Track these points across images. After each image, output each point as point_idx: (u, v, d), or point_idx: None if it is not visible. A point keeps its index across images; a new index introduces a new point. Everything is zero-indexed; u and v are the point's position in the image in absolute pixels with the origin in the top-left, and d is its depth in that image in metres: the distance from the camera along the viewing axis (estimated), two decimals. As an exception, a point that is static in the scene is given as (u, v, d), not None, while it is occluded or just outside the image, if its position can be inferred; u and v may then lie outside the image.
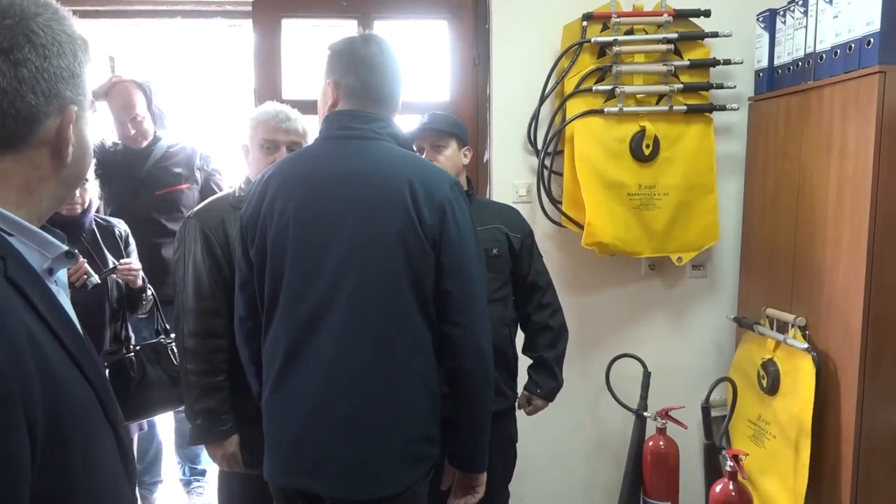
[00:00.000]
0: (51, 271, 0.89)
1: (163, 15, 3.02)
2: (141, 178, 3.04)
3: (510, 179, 2.86)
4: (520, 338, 2.38)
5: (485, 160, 2.93)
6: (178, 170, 3.10)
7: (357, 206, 1.58)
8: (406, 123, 2.20)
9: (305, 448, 1.61)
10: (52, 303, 0.84)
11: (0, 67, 0.80)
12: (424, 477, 1.68)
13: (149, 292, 2.55)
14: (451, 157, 2.23)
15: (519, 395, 2.38)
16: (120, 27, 3.27)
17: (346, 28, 2.90)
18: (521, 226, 2.35)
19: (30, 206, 0.85)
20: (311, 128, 2.25)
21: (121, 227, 2.58)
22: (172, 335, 2.46)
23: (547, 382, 2.33)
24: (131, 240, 2.61)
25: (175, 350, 2.42)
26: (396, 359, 1.59)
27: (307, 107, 2.26)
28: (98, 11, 2.96)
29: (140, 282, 2.47)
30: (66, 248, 0.89)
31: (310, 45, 3.01)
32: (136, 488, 0.98)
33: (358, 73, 1.67)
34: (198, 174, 3.18)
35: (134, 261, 2.51)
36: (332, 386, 1.58)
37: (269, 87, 2.86)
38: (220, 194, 2.24)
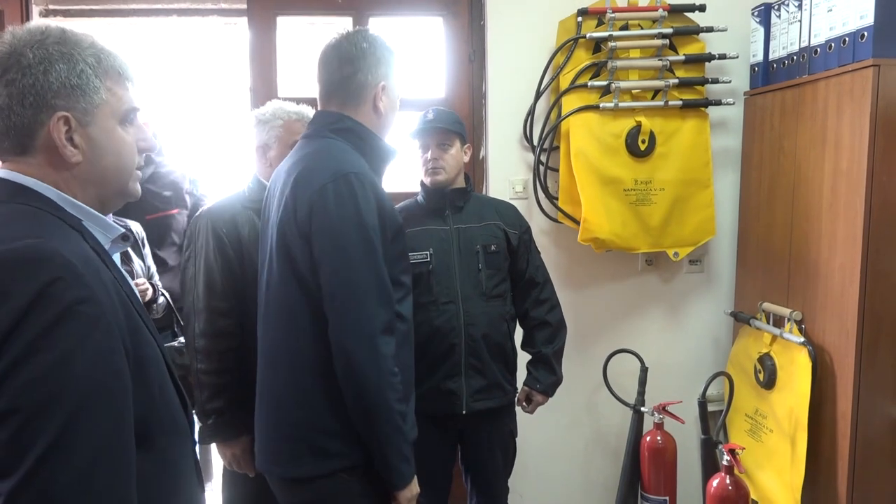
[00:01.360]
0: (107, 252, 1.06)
1: (158, 14, 3.03)
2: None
3: (507, 176, 2.86)
4: (518, 333, 2.39)
5: (481, 157, 2.94)
6: (167, 193, 2.99)
7: (278, 205, 1.69)
8: (404, 120, 2.21)
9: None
10: (118, 270, 1.04)
11: None
12: (342, 474, 1.64)
13: (161, 300, 2.59)
14: (455, 156, 2.24)
15: (518, 390, 2.39)
16: (115, 26, 3.27)
17: (342, 25, 2.89)
18: (519, 222, 2.35)
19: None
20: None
21: (135, 228, 2.61)
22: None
23: (546, 377, 2.33)
24: (146, 241, 2.64)
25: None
26: (290, 347, 1.66)
27: (303, 104, 2.27)
28: (93, 10, 2.98)
29: (150, 294, 2.52)
30: (122, 230, 1.09)
31: (305, 41, 3.00)
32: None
33: (318, 74, 1.77)
34: (187, 198, 3.09)
35: (144, 272, 2.56)
36: (259, 372, 1.76)
37: (265, 84, 2.86)
38: (229, 194, 2.22)
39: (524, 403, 2.39)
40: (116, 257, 1.12)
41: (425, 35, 2.99)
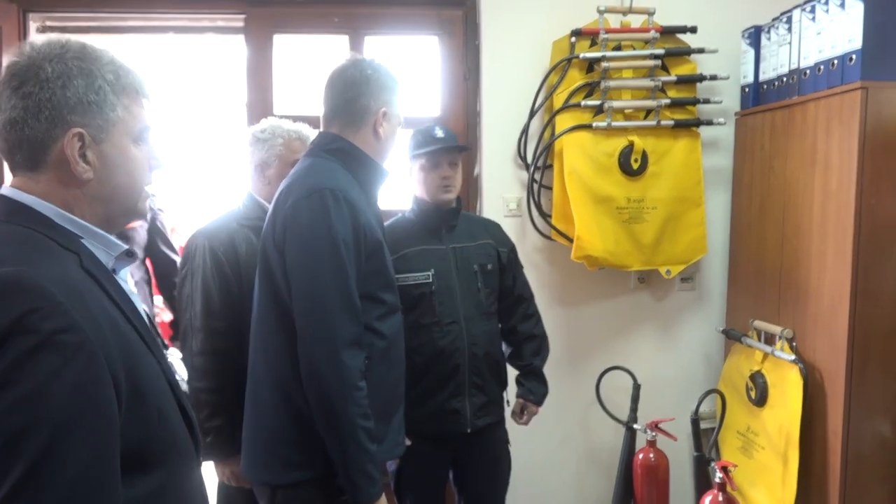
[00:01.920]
0: (113, 271, 1.05)
1: (155, 31, 3.04)
2: None
3: (500, 194, 2.89)
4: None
5: (475, 174, 2.96)
6: None
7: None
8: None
9: None
10: (119, 290, 1.03)
11: (13, 101, 0.97)
12: (304, 485, 1.69)
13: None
14: (461, 175, 2.30)
15: (508, 404, 2.41)
16: (112, 43, 3.28)
17: (338, 43, 2.92)
18: (506, 240, 2.41)
19: (79, 217, 1.01)
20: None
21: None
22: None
23: (538, 388, 2.39)
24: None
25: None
26: (266, 358, 1.74)
27: (299, 121, 2.29)
28: (90, 27, 2.99)
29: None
30: (125, 247, 1.07)
31: (301, 59, 3.03)
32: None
33: (324, 97, 1.84)
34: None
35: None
36: (247, 382, 1.82)
37: (261, 101, 2.88)
38: (225, 212, 2.23)
39: (519, 416, 2.40)
40: (125, 270, 1.10)
41: (421, 54, 3.02)
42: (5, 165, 1.04)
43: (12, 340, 0.82)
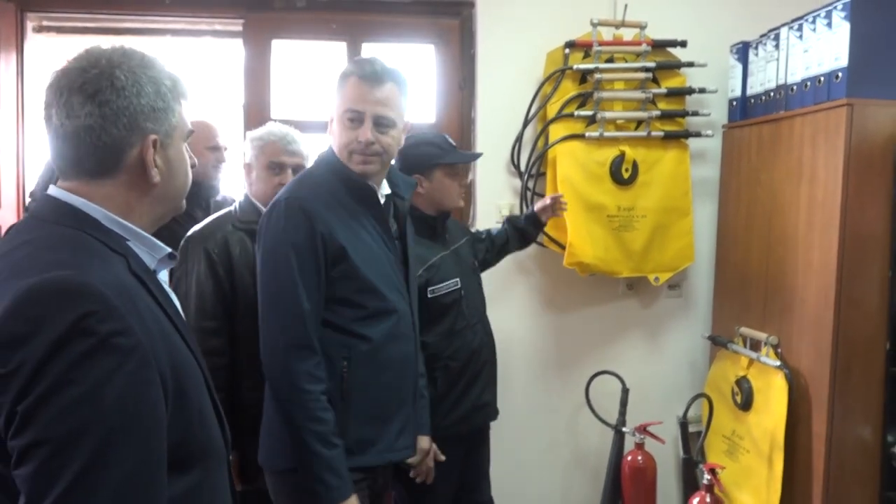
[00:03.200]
0: (154, 272, 1.08)
1: (153, 33, 3.05)
2: None
3: (493, 200, 2.94)
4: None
5: (469, 180, 3.01)
6: None
7: None
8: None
9: None
10: (163, 292, 1.06)
11: (88, 109, 0.98)
12: (287, 473, 1.75)
13: None
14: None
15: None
16: (109, 44, 3.28)
17: (336, 50, 2.96)
18: (469, 229, 2.58)
19: (133, 219, 1.05)
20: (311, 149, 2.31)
21: None
22: None
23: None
24: None
25: None
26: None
27: (296, 126, 2.32)
28: (87, 28, 2.99)
29: None
30: (169, 249, 1.10)
31: (299, 64, 3.06)
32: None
33: None
34: None
35: None
36: None
37: (258, 105, 2.90)
38: (219, 214, 2.26)
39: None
40: (164, 273, 1.13)
41: (417, 62, 3.06)
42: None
43: (71, 343, 0.84)
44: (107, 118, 0.98)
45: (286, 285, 1.69)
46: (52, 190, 1.03)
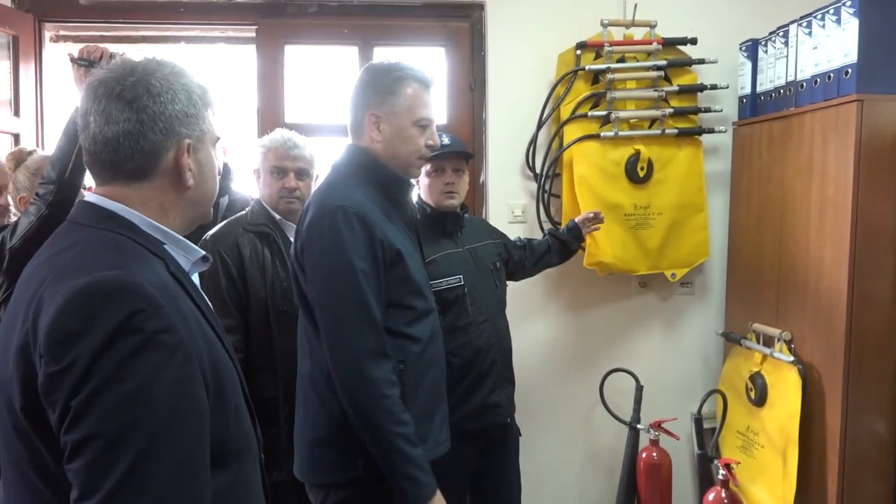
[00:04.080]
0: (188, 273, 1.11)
1: (167, 41, 3.10)
2: None
3: (506, 200, 2.97)
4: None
5: (481, 181, 3.04)
6: None
7: None
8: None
9: None
10: (199, 293, 1.11)
11: (126, 114, 1.03)
12: (334, 487, 1.77)
13: None
14: (466, 181, 2.36)
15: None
16: (124, 51, 3.33)
17: (348, 54, 2.99)
18: (499, 232, 2.55)
19: (167, 223, 1.09)
20: (319, 154, 2.36)
21: None
22: None
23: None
24: None
25: None
26: (302, 366, 1.84)
27: (309, 130, 2.37)
28: (103, 37, 3.04)
29: None
30: (203, 252, 1.15)
31: (312, 69, 3.10)
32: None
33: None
34: None
35: None
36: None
37: (272, 110, 2.95)
38: (231, 218, 2.33)
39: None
40: (196, 275, 1.16)
41: (428, 64, 3.08)
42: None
43: (119, 340, 0.88)
44: (144, 123, 1.03)
45: (355, 294, 1.68)
46: (90, 196, 1.07)
